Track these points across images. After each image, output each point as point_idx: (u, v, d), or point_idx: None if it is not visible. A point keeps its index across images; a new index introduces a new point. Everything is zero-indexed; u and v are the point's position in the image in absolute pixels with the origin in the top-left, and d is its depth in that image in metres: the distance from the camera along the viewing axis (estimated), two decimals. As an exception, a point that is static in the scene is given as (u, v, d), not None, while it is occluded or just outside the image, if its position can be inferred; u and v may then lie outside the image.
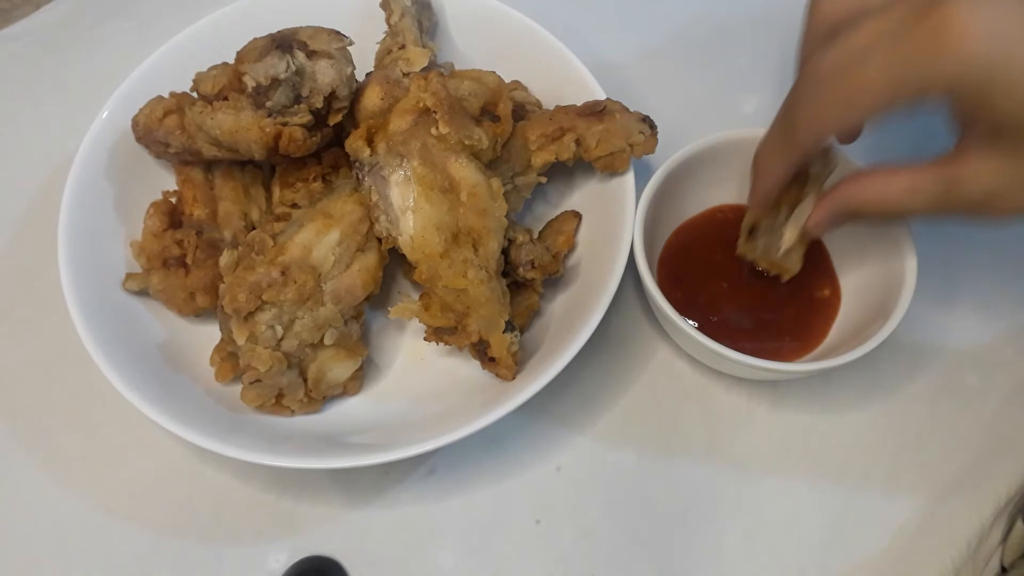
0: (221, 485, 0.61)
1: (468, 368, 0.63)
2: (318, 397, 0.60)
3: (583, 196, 0.69)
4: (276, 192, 0.65)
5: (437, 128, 0.58)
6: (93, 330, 0.58)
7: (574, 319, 0.60)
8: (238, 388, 0.59)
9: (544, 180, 0.65)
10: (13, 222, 0.73)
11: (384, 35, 0.71)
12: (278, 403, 0.59)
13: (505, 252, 0.60)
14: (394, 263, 0.63)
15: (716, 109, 0.79)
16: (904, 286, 0.58)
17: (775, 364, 0.57)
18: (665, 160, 0.63)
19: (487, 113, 0.64)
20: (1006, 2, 0.42)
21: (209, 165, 0.67)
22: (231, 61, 0.60)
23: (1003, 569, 0.59)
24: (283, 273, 0.56)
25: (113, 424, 0.62)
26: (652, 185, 0.63)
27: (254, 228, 0.65)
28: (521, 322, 0.63)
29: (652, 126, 0.65)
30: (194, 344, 0.63)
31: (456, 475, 0.62)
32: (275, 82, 0.57)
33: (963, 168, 0.48)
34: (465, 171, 0.58)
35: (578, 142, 0.64)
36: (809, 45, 0.53)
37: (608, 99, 0.66)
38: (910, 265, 0.59)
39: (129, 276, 0.63)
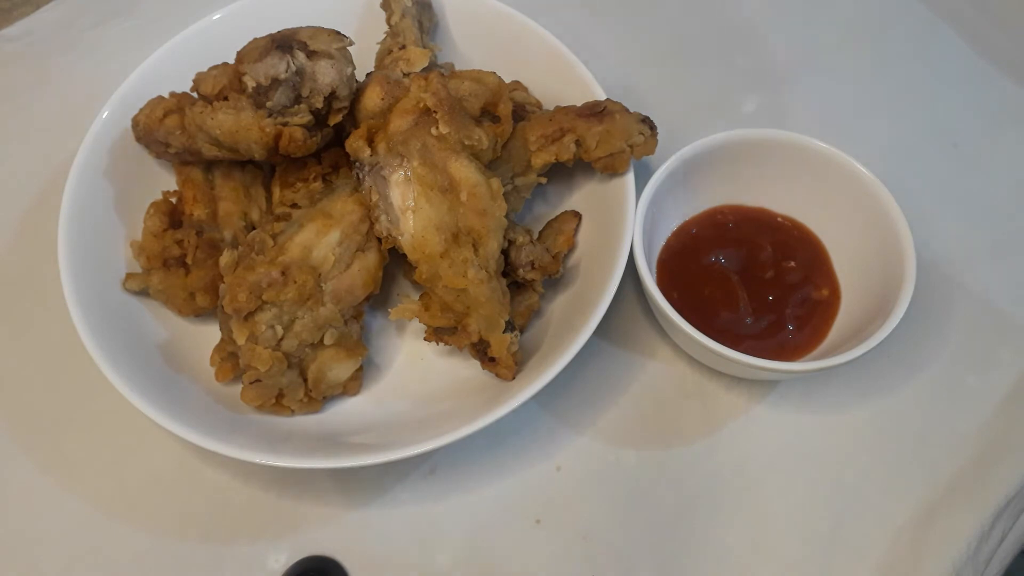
0: (221, 485, 0.61)
1: (468, 368, 0.63)
2: (318, 397, 0.60)
3: (583, 196, 0.69)
4: (276, 192, 0.65)
5: (437, 128, 0.58)
6: (93, 330, 0.58)
7: (574, 319, 0.60)
8: (238, 388, 0.59)
9: (544, 181, 0.65)
10: (13, 222, 0.73)
11: (384, 35, 0.71)
12: (278, 403, 0.59)
13: (505, 253, 0.60)
14: (394, 263, 0.63)
15: (716, 109, 0.79)
16: (904, 286, 0.58)
17: (775, 364, 0.57)
18: (665, 160, 0.63)
19: (487, 113, 0.64)
20: None
21: (209, 165, 0.67)
22: (231, 61, 0.60)
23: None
24: (283, 273, 0.56)
25: (113, 424, 0.62)
26: (652, 185, 0.63)
27: (254, 228, 0.65)
28: (521, 322, 0.63)
29: (652, 127, 0.65)
30: (194, 344, 0.63)
31: (456, 475, 0.62)
32: (275, 82, 0.57)
33: None
34: (465, 171, 0.58)
35: (578, 143, 0.64)
36: None
37: (608, 99, 0.66)
38: (910, 265, 0.59)
39: (129, 276, 0.63)
